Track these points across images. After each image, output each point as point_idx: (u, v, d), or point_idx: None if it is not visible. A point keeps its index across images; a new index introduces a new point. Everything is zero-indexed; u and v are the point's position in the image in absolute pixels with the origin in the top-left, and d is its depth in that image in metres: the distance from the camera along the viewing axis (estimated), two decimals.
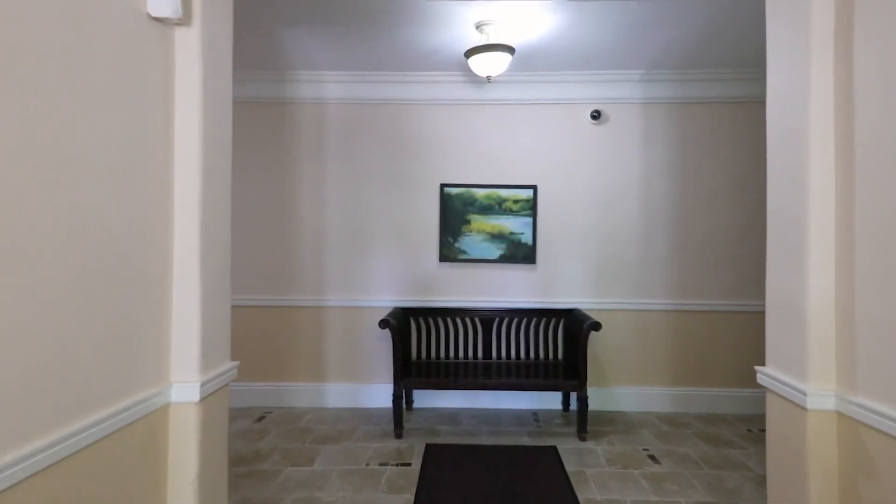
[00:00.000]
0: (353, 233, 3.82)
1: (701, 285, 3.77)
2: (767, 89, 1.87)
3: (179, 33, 1.64)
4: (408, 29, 2.94)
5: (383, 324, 3.22)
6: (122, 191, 1.42)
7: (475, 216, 3.80)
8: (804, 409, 1.63)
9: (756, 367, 1.91)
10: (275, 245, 3.81)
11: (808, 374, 1.64)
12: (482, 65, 2.85)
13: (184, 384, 1.64)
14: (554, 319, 3.72)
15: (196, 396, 1.64)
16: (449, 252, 3.79)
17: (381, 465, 2.84)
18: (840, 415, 1.60)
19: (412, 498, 2.48)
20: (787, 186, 1.75)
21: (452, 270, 3.82)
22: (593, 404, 3.70)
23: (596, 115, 3.76)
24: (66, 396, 1.23)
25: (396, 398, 3.21)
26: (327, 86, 3.76)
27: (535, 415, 3.67)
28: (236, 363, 1.92)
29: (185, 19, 1.61)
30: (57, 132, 1.20)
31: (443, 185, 3.80)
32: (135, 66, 1.47)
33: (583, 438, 3.21)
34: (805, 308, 1.65)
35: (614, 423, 3.52)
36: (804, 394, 1.62)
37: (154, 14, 1.52)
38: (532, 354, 3.71)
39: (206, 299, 1.70)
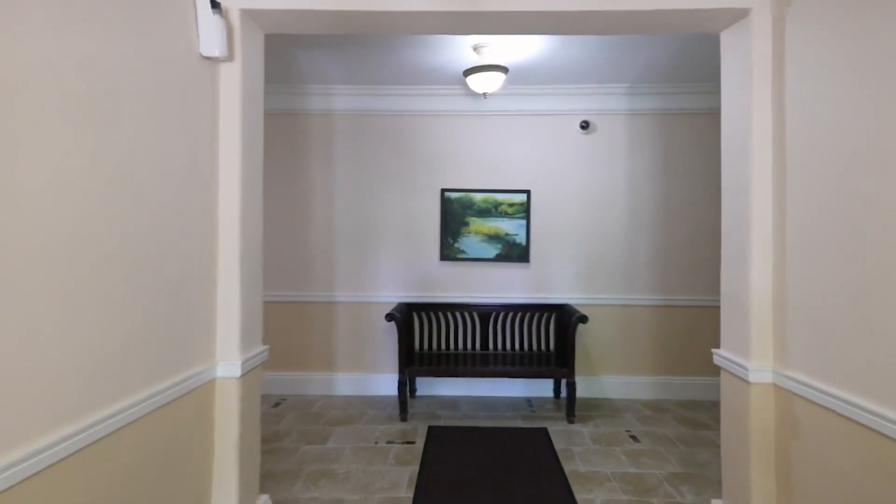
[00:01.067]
0: (360, 234, 4.14)
1: (682, 283, 4.08)
2: (722, 111, 2.19)
3: (224, 68, 1.96)
4: (411, 50, 3.26)
5: (389, 317, 3.54)
6: (182, 202, 1.74)
7: (473, 218, 4.12)
8: (747, 382, 1.95)
9: (712, 350, 2.22)
10: (289, 245, 4.12)
11: (751, 354, 1.95)
12: (479, 83, 3.16)
13: (227, 362, 1.96)
14: (546, 314, 4.04)
15: (237, 372, 1.96)
16: (449, 252, 4.11)
17: (388, 443, 3.16)
18: (776, 387, 1.91)
19: (417, 469, 2.79)
20: (736, 195, 2.07)
21: (452, 269, 4.13)
22: (582, 392, 4.02)
23: (584, 126, 4.07)
24: (144, 367, 1.55)
25: (401, 384, 3.53)
26: (337, 98, 4.08)
27: (528, 402, 3.98)
28: (267, 346, 2.25)
29: (228, 57, 1.92)
30: (141, 156, 1.52)
31: (443, 190, 4.12)
32: (191, 97, 1.79)
33: (571, 421, 3.52)
34: (748, 299, 1.97)
35: (601, 408, 3.83)
36: (747, 370, 1.94)
37: (205, 54, 1.84)
38: (526, 346, 4.03)
39: (244, 292, 2.02)
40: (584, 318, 3.50)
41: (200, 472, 1.87)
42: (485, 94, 3.30)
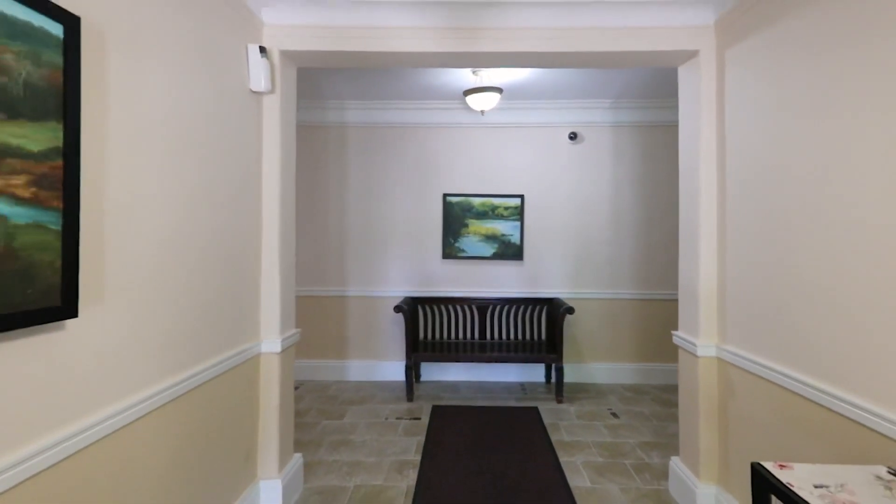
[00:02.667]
0: (370, 234, 4.56)
1: (661, 278, 4.50)
2: (679, 134, 2.62)
3: (266, 99, 2.39)
4: (417, 72, 3.68)
5: (397, 309, 3.96)
6: (236, 209, 2.17)
7: (472, 220, 4.55)
8: (696, 356, 2.37)
9: (672, 331, 2.65)
10: (306, 245, 4.55)
11: (699, 333, 2.38)
12: (477, 102, 3.59)
13: (269, 340, 2.38)
14: (538, 306, 4.46)
15: (278, 349, 2.38)
16: (450, 250, 4.54)
17: (397, 419, 3.59)
18: (718, 359, 2.34)
19: (423, 439, 3.22)
20: (688, 204, 2.50)
21: (453, 266, 4.56)
22: (570, 377, 4.45)
23: (573, 136, 4.50)
24: (211, 341, 1.98)
25: (408, 369, 3.95)
26: (349, 112, 4.50)
27: (522, 386, 4.41)
28: (299, 329, 2.67)
29: (271, 90, 2.35)
30: (212, 173, 1.94)
31: (445, 195, 4.54)
32: (243, 124, 2.21)
33: (559, 401, 3.95)
34: (698, 289, 2.40)
35: (587, 391, 4.26)
36: (696, 346, 2.36)
37: (254, 89, 2.26)
38: (520, 335, 4.45)
39: (283, 283, 2.45)
40: (570, 310, 3.93)
41: (250, 431, 2.30)
42: (482, 112, 3.72)
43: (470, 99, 3.60)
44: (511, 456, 2.98)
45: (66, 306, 1.19)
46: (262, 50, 2.24)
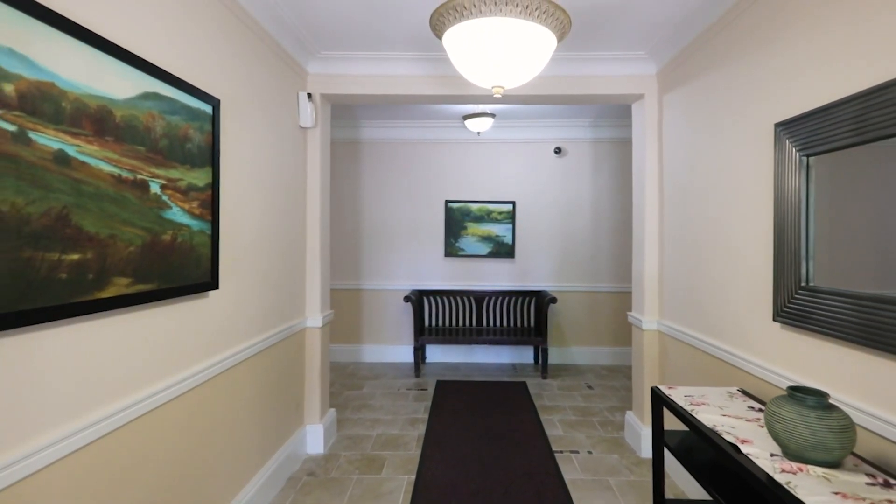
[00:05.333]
0: (381, 236, 5.26)
1: None
2: (633, 158, 3.32)
3: (310, 132, 3.09)
4: None
5: (406, 299, 4.66)
6: (290, 219, 2.86)
7: (470, 223, 5.24)
8: (643, 330, 3.07)
9: (627, 312, 3.35)
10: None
11: (645, 312, 3.08)
12: (474, 125, 4.29)
13: (312, 318, 3.08)
14: (527, 297, 5.16)
15: (319, 324, 3.08)
16: (451, 249, 5.23)
17: (407, 390, 4.29)
18: (659, 332, 3.04)
19: (429, 404, 3.92)
20: (639, 213, 3.20)
21: (454, 263, 5.26)
22: (554, 359, 5.15)
23: (558, 151, 5.20)
24: (276, 314, 2.68)
25: (416, 349, 4.66)
26: (363, 130, 5.21)
27: (513, 366, 5.11)
28: (333, 311, 3.37)
29: (314, 126, 3.05)
30: (279, 190, 2.64)
31: (446, 201, 5.24)
32: (295, 152, 2.91)
33: (544, 377, 4.65)
34: (644, 278, 3.09)
35: (568, 370, 4.96)
36: (642, 322, 3.06)
37: (302, 125, 2.97)
38: (511, 322, 5.15)
39: (321, 275, 3.15)
40: (553, 300, 4.63)
41: (299, 388, 2.99)
42: (478, 133, 4.42)
43: (468, 122, 4.30)
44: (501, 415, 3.68)
45: (213, 282, 1.89)
46: (309, 96, 2.95)
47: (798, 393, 1.36)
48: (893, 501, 1.14)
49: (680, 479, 2.69)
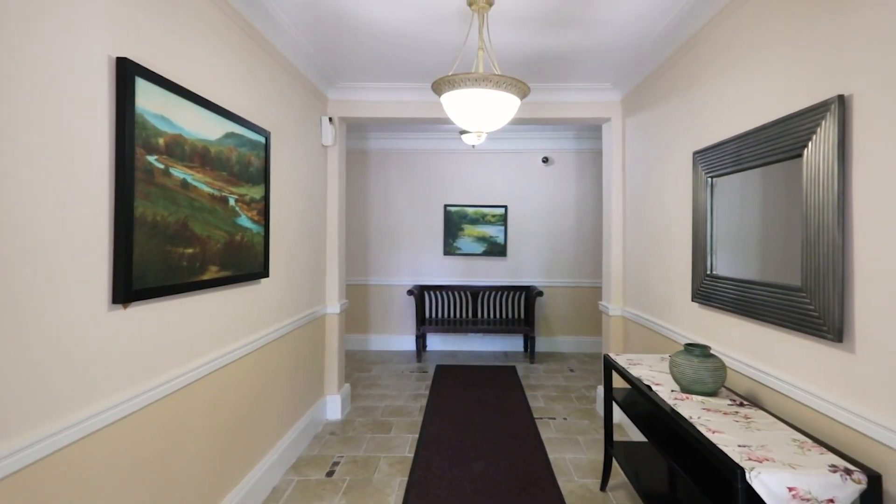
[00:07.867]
0: (386, 236, 5.84)
1: None
2: (602, 172, 3.90)
3: (330, 149, 3.67)
4: None
5: (409, 293, 5.24)
6: (315, 223, 3.44)
7: (467, 225, 5.82)
8: (610, 315, 3.65)
9: (598, 302, 3.93)
10: None
11: (611, 300, 3.66)
12: (469, 139, 4.87)
13: (331, 305, 3.66)
14: (518, 292, 5.74)
15: (337, 311, 3.66)
16: (450, 249, 5.81)
17: (410, 372, 4.86)
18: (623, 317, 3.62)
19: (430, 383, 4.49)
20: (607, 219, 3.77)
21: (452, 261, 5.84)
22: (542, 347, 5.72)
23: (545, 160, 5.78)
24: (303, 301, 3.25)
25: (418, 337, 5.23)
26: (370, 140, 5.78)
27: (505, 353, 5.68)
28: (349, 300, 3.95)
29: (333, 144, 3.63)
30: (305, 197, 3.22)
31: (445, 205, 5.82)
32: (318, 166, 3.49)
33: (532, 362, 5.22)
34: (610, 272, 3.67)
35: (554, 356, 5.54)
36: (609, 309, 3.64)
37: (324, 144, 3.55)
38: (503, 314, 5.73)
39: (339, 269, 3.72)
40: (541, 294, 5.22)
41: (320, 364, 3.57)
42: (473, 146, 5.00)
43: (464, 137, 4.88)
44: (492, 392, 4.26)
45: (265, 271, 2.47)
46: (330, 119, 3.53)
47: (690, 346, 1.94)
48: (739, 412, 1.72)
49: (633, 432, 3.27)
